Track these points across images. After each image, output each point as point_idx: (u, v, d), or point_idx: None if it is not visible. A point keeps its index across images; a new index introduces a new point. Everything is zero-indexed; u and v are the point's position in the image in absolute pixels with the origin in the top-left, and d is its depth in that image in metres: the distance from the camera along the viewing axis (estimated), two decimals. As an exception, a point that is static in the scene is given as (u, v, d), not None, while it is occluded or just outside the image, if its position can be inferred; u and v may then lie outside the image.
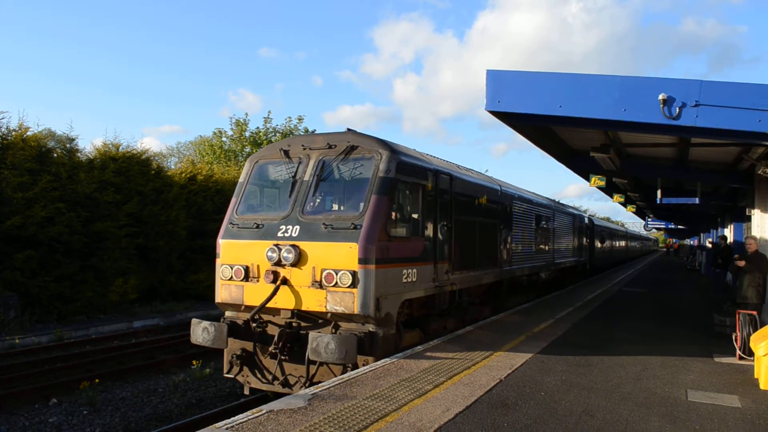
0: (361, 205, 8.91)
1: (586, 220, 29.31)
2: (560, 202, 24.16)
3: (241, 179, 10.43)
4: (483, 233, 13.08)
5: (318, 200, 9.65)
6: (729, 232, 23.47)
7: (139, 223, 21.79)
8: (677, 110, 8.25)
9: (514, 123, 10.78)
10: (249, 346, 9.36)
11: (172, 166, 36.06)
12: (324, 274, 8.64)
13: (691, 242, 64.21)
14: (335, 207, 9.97)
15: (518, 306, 16.06)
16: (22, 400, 10.73)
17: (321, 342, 8.08)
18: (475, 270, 12.54)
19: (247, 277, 9.33)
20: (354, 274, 8.45)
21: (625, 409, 6.86)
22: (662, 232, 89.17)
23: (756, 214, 14.43)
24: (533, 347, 10.20)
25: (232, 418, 5.95)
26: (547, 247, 19.81)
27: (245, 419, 5.92)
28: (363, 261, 8.46)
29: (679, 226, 51.20)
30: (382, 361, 8.63)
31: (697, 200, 18.91)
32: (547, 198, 21.78)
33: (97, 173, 20.93)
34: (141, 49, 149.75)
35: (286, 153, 9.95)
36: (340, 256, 8.59)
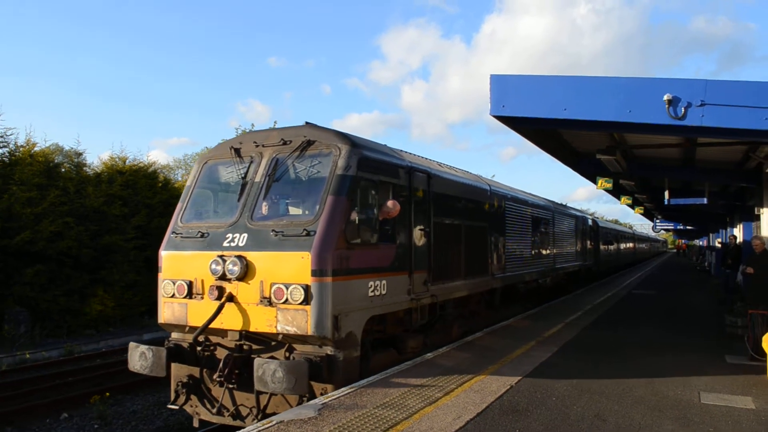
0: (316, 208, 7.85)
1: (590, 222, 28.14)
2: (561, 203, 23.28)
3: (188, 182, 9.38)
4: (470, 238, 11.90)
5: (270, 204, 8.54)
6: (738, 232, 23.32)
7: (147, 235, 21.89)
8: (683, 110, 8.22)
9: (519, 127, 10.76)
10: (196, 372, 8.29)
11: (179, 178, 36.23)
12: (273, 288, 7.55)
13: (701, 243, 63.81)
14: (294, 211, 8.80)
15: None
16: (33, 415, 10.76)
17: (267, 370, 7.03)
18: (461, 279, 11.35)
19: (190, 294, 8.24)
20: (306, 288, 7.36)
21: (638, 413, 6.80)
22: (671, 233, 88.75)
23: (765, 213, 14.35)
24: (544, 352, 10.15)
25: (242, 430, 5.93)
26: (546, 252, 18.66)
27: (255, 430, 5.91)
28: (317, 273, 7.37)
29: (687, 227, 50.92)
30: (393, 369, 8.59)
31: (705, 200, 18.82)
32: (546, 199, 20.69)
33: (104, 187, 21.08)
34: (150, 60, 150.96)
35: (237, 152, 8.88)
36: (291, 267, 7.51)
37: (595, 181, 17.05)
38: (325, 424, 6.09)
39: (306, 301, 7.36)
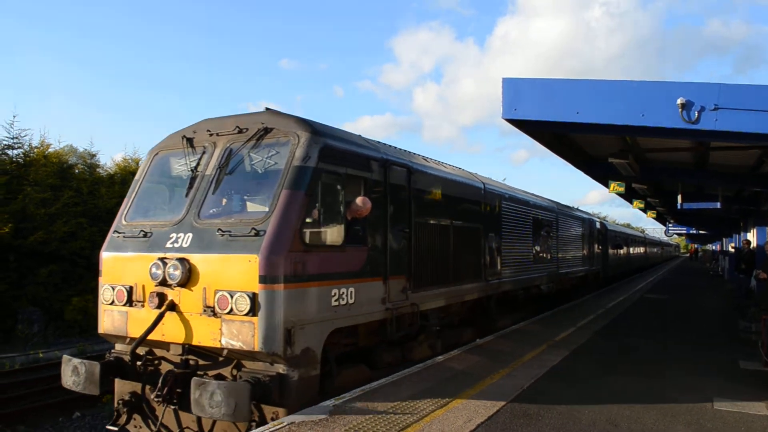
0: (269, 204, 6.97)
1: (598, 225, 26.86)
2: (566, 204, 22.07)
3: (136, 176, 8.56)
4: (460, 240, 10.95)
5: (221, 200, 7.66)
6: (752, 237, 23.14)
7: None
8: (696, 114, 8.16)
9: (531, 130, 10.72)
10: (139, 388, 7.44)
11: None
12: (217, 296, 6.68)
13: (714, 247, 63.31)
14: (250, 208, 7.78)
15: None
16: (46, 414, 10.87)
17: (204, 392, 6.19)
18: (449, 285, 10.40)
19: (130, 301, 7.40)
20: (253, 296, 6.47)
21: (650, 418, 6.76)
22: (684, 238, 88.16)
23: (779, 218, 14.20)
24: (555, 356, 10.11)
25: (253, 431, 5.95)
26: (549, 256, 17.59)
27: (266, 431, 5.93)
28: (266, 279, 6.48)
29: (701, 231, 50.56)
30: (403, 372, 8.58)
31: (718, 205, 18.67)
32: (550, 200, 19.49)
33: (117, 188, 21.23)
34: (162, 64, 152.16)
35: (190, 141, 8.01)
36: (237, 272, 6.63)
37: (607, 185, 16.95)
38: (336, 426, 6.10)
39: (252, 311, 6.48)
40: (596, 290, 25.30)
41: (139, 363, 7.27)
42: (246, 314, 6.49)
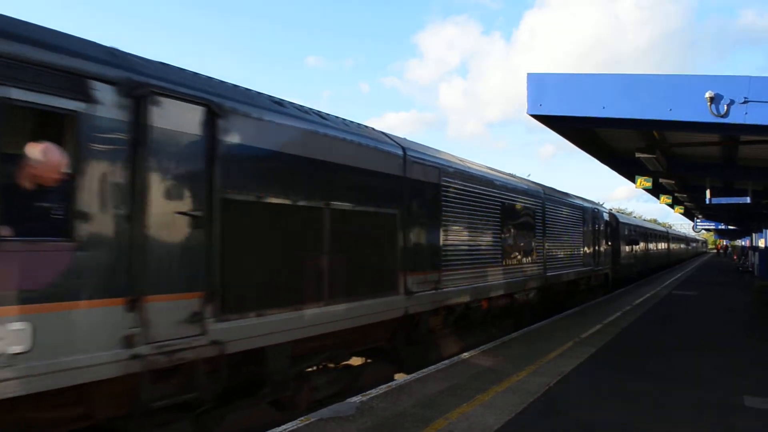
0: None
1: (606, 216, 22.53)
2: (561, 190, 17.83)
3: None
4: (347, 233, 7.31)
5: None
6: (783, 232, 22.71)
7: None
8: (725, 108, 8.06)
9: (556, 126, 10.68)
10: None
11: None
12: None
13: (743, 242, 62.15)
14: None
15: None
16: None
17: None
18: (321, 304, 6.78)
19: None
20: None
21: (680, 415, 6.70)
22: (712, 233, 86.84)
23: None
24: (582, 353, 10.05)
25: (281, 426, 6.03)
26: (530, 255, 13.53)
27: (295, 427, 6.00)
28: None
29: (729, 227, 49.74)
30: (429, 368, 8.60)
31: (748, 200, 18.36)
32: (534, 182, 15.70)
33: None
34: (186, 59, 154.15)
35: None
36: None
37: (633, 180, 16.79)
38: (363, 422, 6.15)
39: None
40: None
41: None
42: None
